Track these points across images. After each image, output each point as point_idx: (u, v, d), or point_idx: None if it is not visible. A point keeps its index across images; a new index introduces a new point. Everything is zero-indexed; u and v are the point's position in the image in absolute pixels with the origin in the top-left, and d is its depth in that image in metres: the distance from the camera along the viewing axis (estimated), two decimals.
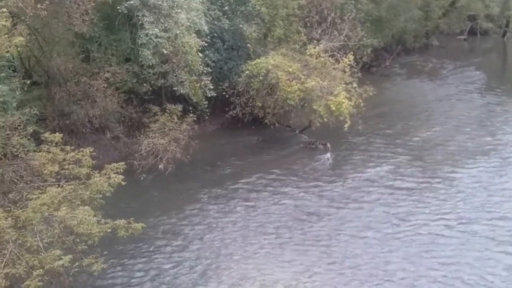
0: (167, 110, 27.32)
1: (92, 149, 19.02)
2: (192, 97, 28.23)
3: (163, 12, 26.24)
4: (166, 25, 26.10)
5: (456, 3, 52.48)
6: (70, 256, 15.46)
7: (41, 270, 14.96)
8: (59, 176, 18.22)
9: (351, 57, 30.13)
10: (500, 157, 27.65)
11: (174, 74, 27.09)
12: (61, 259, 15.15)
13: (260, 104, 29.81)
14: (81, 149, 18.92)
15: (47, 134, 18.86)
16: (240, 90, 30.13)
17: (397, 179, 25.60)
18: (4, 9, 19.22)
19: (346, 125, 27.74)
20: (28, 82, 24.02)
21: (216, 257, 19.88)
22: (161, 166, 25.65)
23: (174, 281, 18.58)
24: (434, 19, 51.02)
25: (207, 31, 28.67)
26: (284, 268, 19.16)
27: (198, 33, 27.87)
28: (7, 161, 19.39)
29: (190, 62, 27.16)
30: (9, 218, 15.66)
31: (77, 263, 15.98)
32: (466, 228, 21.25)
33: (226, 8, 31.15)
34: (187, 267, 19.29)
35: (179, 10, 26.41)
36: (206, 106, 28.63)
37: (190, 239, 21.09)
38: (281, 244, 20.63)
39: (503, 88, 40.52)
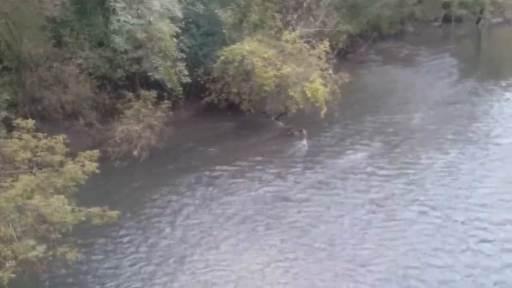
0: (141, 96, 27.03)
1: (65, 136, 18.65)
2: (167, 83, 27.93)
3: None
4: (139, 11, 25.69)
5: None
6: (44, 246, 15.12)
7: (14, 260, 14.63)
8: (31, 164, 17.81)
9: (326, 43, 30.04)
10: (475, 143, 27.81)
11: (149, 60, 26.76)
12: (34, 249, 14.82)
13: (235, 91, 29.49)
14: (54, 136, 18.50)
15: (19, 120, 18.41)
16: (216, 76, 29.85)
17: (373, 166, 25.65)
18: None
19: (322, 112, 27.63)
20: None
21: (192, 244, 19.75)
22: (135, 153, 25.45)
23: (149, 268, 18.41)
24: (409, 6, 51.08)
25: (182, 17, 28.28)
26: (260, 254, 19.09)
27: (173, 18, 27.48)
28: None
29: (164, 47, 26.81)
30: None
31: (50, 252, 15.67)
32: (442, 214, 21.35)
33: None
34: (163, 255, 19.13)
35: None
36: (181, 92, 28.37)
37: (166, 227, 20.93)
38: (257, 231, 20.55)
39: (477, 75, 40.82)
